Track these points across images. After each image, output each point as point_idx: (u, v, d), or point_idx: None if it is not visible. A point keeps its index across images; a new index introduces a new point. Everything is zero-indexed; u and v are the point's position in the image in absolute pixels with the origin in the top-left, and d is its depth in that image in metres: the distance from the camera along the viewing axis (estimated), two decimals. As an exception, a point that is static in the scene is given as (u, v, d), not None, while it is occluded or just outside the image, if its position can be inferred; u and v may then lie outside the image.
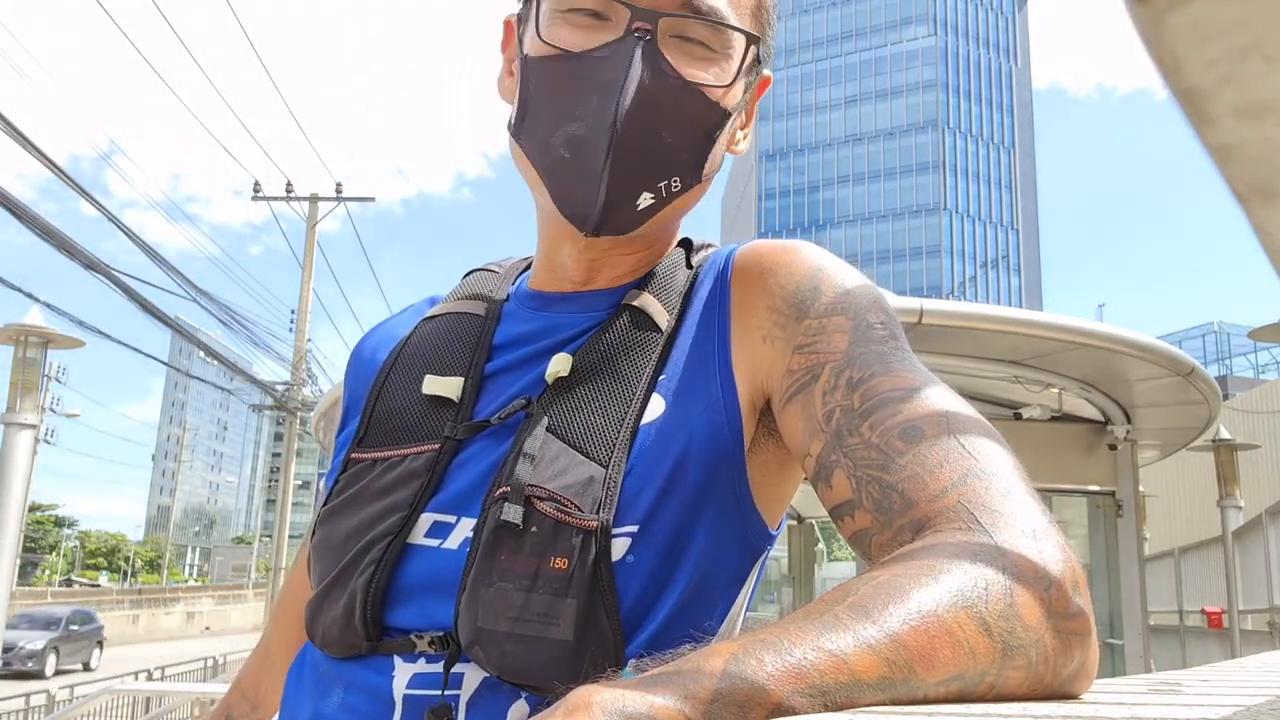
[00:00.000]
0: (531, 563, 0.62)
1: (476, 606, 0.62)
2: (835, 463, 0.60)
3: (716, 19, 0.70)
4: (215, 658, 14.78)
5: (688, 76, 0.69)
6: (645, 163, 0.69)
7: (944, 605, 0.45)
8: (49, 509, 66.69)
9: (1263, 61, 0.24)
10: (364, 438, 0.74)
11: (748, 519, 0.69)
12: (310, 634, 0.71)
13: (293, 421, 17.03)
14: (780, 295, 0.69)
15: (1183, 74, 0.25)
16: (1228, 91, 0.25)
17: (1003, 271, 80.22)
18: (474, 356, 0.75)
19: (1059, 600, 0.48)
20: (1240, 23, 0.24)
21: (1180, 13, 0.24)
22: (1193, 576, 11.05)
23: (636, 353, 0.70)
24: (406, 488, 0.68)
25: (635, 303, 0.74)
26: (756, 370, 0.69)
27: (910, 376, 0.62)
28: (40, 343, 5.84)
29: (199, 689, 6.29)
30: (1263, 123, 0.26)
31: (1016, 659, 0.45)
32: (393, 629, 0.66)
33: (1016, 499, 0.53)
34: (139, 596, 36.40)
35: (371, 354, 0.83)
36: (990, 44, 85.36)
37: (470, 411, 0.71)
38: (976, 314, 5.58)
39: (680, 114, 0.69)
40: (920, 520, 0.54)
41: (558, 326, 0.75)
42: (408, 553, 0.67)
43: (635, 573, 0.63)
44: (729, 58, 0.72)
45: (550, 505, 0.63)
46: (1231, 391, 21.87)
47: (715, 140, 0.72)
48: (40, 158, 8.28)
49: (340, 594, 0.67)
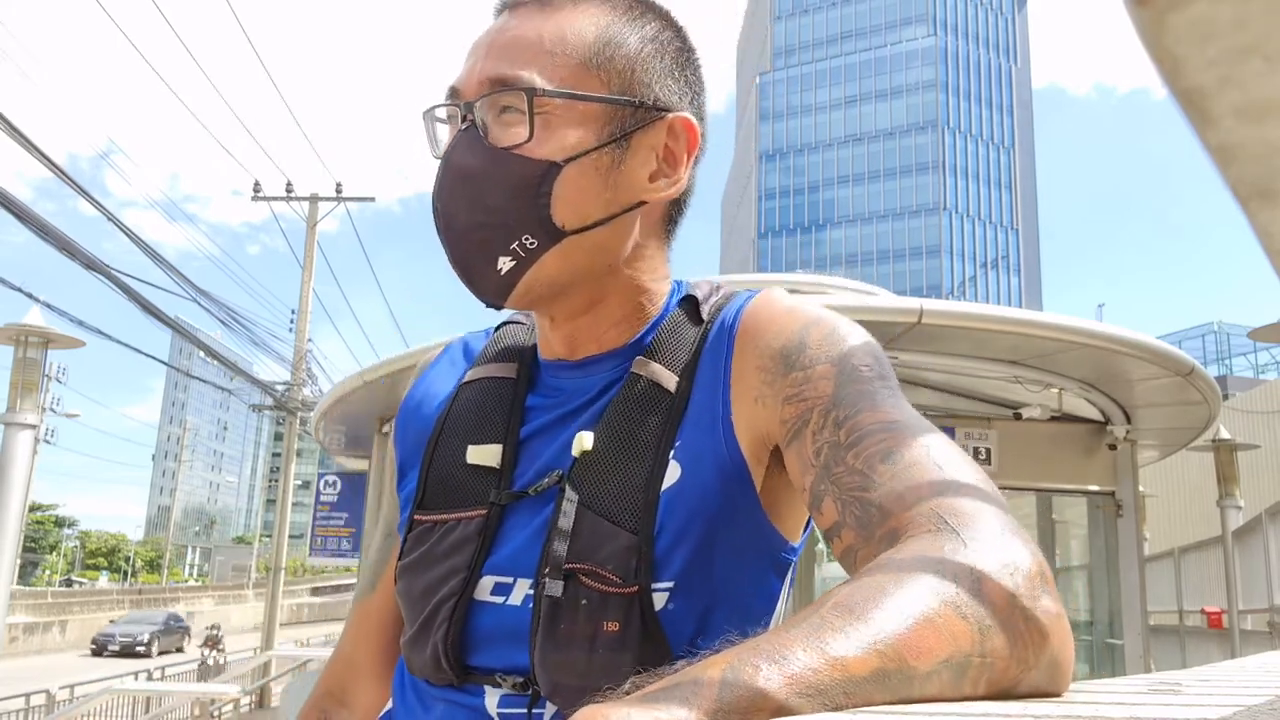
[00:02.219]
0: (588, 629, 0.71)
1: (548, 666, 0.72)
2: (824, 491, 0.66)
3: (506, 87, 0.75)
4: (215, 658, 14.78)
5: (499, 144, 0.75)
6: (479, 231, 0.75)
7: (922, 598, 0.48)
8: (49, 509, 66.69)
9: (1263, 61, 0.24)
10: (423, 500, 0.83)
11: (771, 542, 0.77)
12: (408, 666, 0.82)
13: (293, 421, 17.02)
14: (768, 355, 0.75)
15: (1183, 74, 0.25)
16: (1228, 92, 0.25)
17: (1003, 271, 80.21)
18: (509, 422, 0.82)
19: (1026, 589, 0.51)
20: (1240, 23, 0.23)
21: (1180, 13, 0.23)
22: (1192, 576, 11.05)
23: (649, 420, 0.77)
24: (464, 551, 0.78)
25: (643, 372, 0.79)
26: (754, 430, 0.75)
27: (893, 412, 0.67)
28: (40, 343, 5.84)
29: (199, 689, 6.29)
30: (1263, 123, 0.26)
31: (993, 639, 0.48)
32: (476, 669, 0.77)
33: (987, 509, 0.57)
34: (139, 596, 36.44)
35: (416, 409, 0.91)
36: (990, 44, 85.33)
37: (510, 478, 0.80)
38: (976, 314, 5.58)
39: (498, 179, 0.74)
40: (895, 529, 0.59)
41: (571, 392, 0.83)
42: (476, 609, 0.77)
43: (677, 617, 0.72)
44: (543, 113, 0.75)
45: (594, 580, 0.72)
46: (1231, 391, 21.87)
47: (548, 190, 0.75)
48: (39, 157, 8.28)
49: (426, 642, 0.78)
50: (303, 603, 47.80)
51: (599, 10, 0.80)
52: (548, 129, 0.75)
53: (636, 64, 0.79)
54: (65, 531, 70.57)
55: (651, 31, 0.81)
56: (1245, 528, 9.13)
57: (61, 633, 30.70)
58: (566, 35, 0.77)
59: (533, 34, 0.77)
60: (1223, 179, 0.29)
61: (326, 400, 8.60)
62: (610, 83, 0.77)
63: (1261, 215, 0.30)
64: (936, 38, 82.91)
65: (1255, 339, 8.01)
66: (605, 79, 0.77)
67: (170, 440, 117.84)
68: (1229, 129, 0.26)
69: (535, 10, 0.79)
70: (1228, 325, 41.40)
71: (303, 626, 38.23)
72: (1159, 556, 12.56)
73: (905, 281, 77.01)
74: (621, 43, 0.79)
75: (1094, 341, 5.57)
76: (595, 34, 0.78)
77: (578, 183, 0.76)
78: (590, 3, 0.80)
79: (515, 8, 0.80)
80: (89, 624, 31.78)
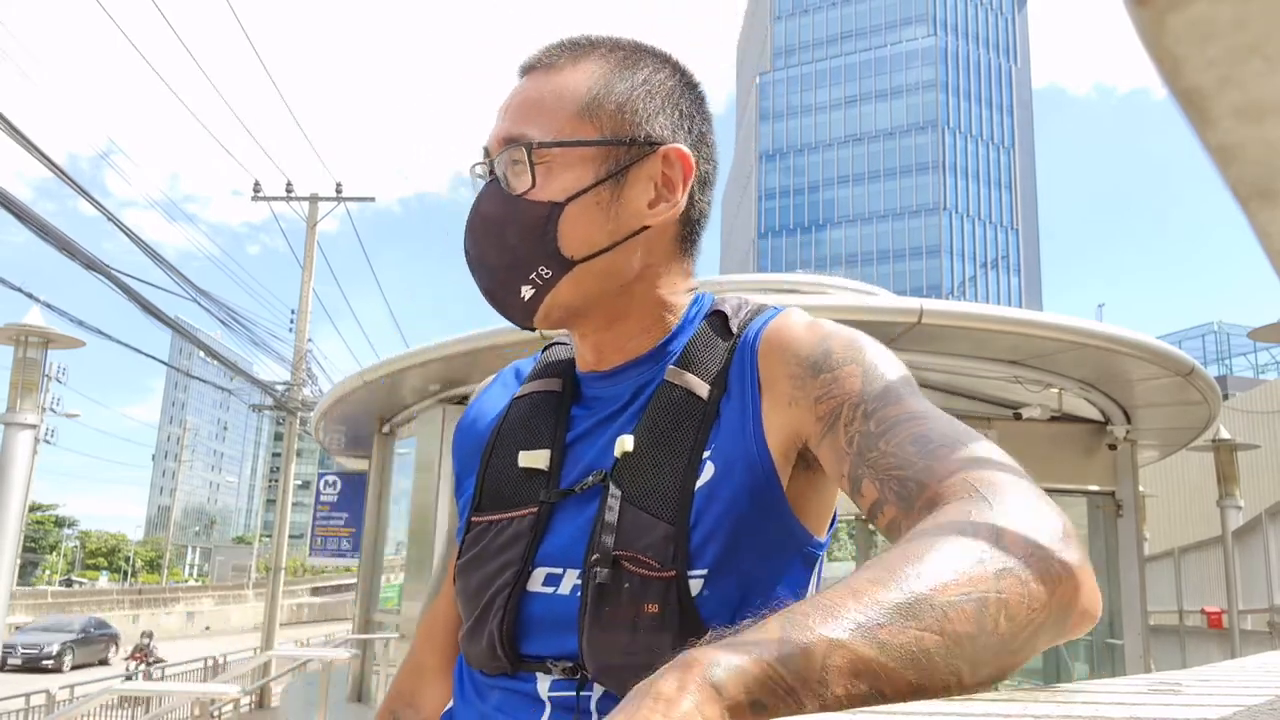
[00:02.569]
0: (630, 611, 0.79)
1: (595, 648, 0.79)
2: (862, 474, 0.73)
3: (513, 144, 0.87)
4: (215, 658, 14.79)
5: (513, 192, 0.87)
6: (500, 265, 0.87)
7: (949, 550, 0.55)
8: (49, 509, 66.72)
9: (1263, 62, 0.24)
10: (479, 504, 0.93)
11: (798, 537, 0.84)
12: (466, 659, 0.91)
13: (293, 421, 17.02)
14: (795, 363, 0.84)
15: (1183, 75, 0.25)
16: (1228, 92, 0.25)
17: (1003, 271, 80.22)
18: (555, 429, 0.92)
19: (1048, 540, 0.58)
20: (1240, 23, 0.23)
21: (1180, 14, 0.23)
22: (1192, 576, 11.05)
23: (685, 424, 0.86)
24: (517, 546, 0.87)
25: (678, 381, 0.88)
26: (787, 430, 0.83)
27: (916, 405, 0.76)
28: (40, 343, 5.84)
29: (199, 689, 6.29)
30: (1263, 123, 0.26)
31: (1007, 579, 0.54)
32: (528, 657, 0.84)
33: (1015, 479, 0.64)
34: (139, 596, 36.45)
35: (472, 425, 1.02)
36: (990, 44, 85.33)
37: (557, 478, 0.89)
38: (976, 314, 5.58)
39: (513, 221, 0.86)
40: (933, 498, 0.65)
41: (605, 399, 0.93)
42: (529, 599, 0.85)
43: (711, 602, 0.79)
44: (544, 162, 0.87)
45: (636, 565, 0.80)
46: (1231, 391, 21.87)
47: (554, 228, 0.86)
48: (39, 157, 8.28)
49: (482, 633, 0.86)
50: (303, 603, 47.85)
51: (594, 65, 0.90)
52: (548, 175, 0.86)
53: (627, 107, 0.89)
54: (65, 531, 70.60)
55: (643, 76, 0.91)
56: (1245, 528, 9.13)
57: (61, 633, 30.59)
58: (563, 92, 0.89)
59: (536, 95, 0.89)
60: (1223, 179, 0.29)
61: (326, 400, 8.61)
62: (603, 127, 0.88)
63: (1261, 215, 0.30)
64: (936, 38, 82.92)
65: (1255, 339, 8.01)
66: (598, 124, 0.88)
67: (170, 440, 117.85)
68: (1229, 129, 0.26)
69: (542, 73, 0.91)
70: (1228, 325, 41.40)
71: (303, 626, 38.28)
72: (1159, 556, 12.56)
73: (905, 281, 77.02)
74: (611, 90, 0.89)
75: (1094, 341, 5.57)
76: (587, 86, 0.89)
77: (580, 218, 0.86)
78: (589, 59, 0.91)
79: (528, 71, 0.92)
80: (89, 624, 31.72)
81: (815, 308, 5.51)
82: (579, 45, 0.92)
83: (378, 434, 8.89)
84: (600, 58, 0.91)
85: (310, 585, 55.00)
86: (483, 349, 6.12)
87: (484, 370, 7.62)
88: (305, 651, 8.84)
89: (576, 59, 0.91)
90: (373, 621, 8.76)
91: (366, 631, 8.62)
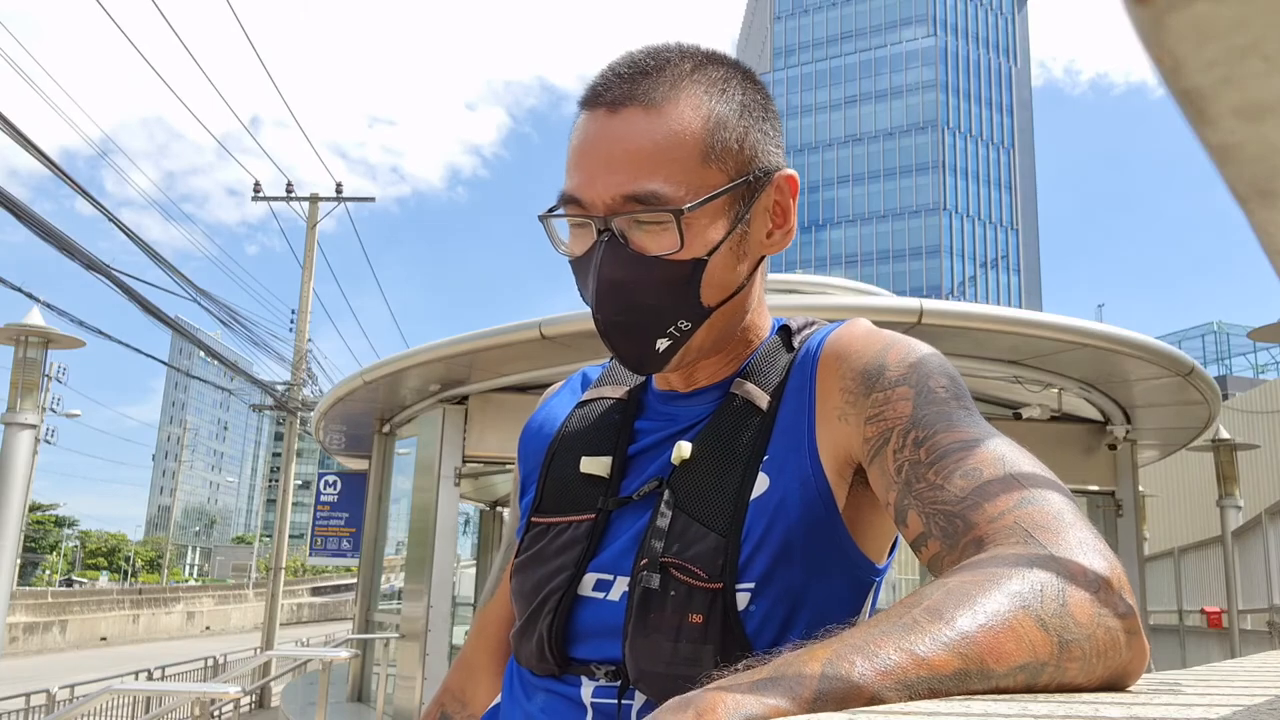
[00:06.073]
0: (675, 619, 0.78)
1: (638, 654, 0.79)
2: (908, 505, 0.71)
3: (647, 206, 0.80)
4: (215, 658, 14.77)
5: (646, 252, 0.82)
6: (638, 325, 0.84)
7: (1005, 606, 0.52)
8: (49, 509, 66.66)
9: (1263, 62, 0.24)
10: (540, 505, 0.93)
11: (852, 560, 0.82)
12: (516, 657, 0.92)
13: (293, 421, 17.01)
14: (850, 377, 0.82)
15: (1182, 75, 0.25)
16: (1227, 92, 0.25)
17: (1002, 271, 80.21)
18: (618, 439, 0.92)
19: (1107, 600, 0.55)
20: (1240, 23, 0.23)
21: (1180, 14, 0.23)
22: (1192, 576, 11.04)
23: (743, 434, 0.85)
24: (573, 551, 0.87)
25: (739, 391, 0.88)
26: (838, 447, 0.81)
27: (970, 430, 0.72)
28: (40, 343, 5.84)
29: (199, 689, 6.28)
30: (1262, 123, 0.26)
31: (1072, 651, 0.52)
32: (575, 660, 0.85)
33: (1068, 519, 0.61)
34: (139, 596, 36.41)
35: (538, 429, 1.02)
36: (990, 44, 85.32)
37: (618, 487, 0.89)
38: (976, 314, 5.58)
39: (651, 280, 0.82)
40: (980, 538, 0.63)
41: (680, 417, 0.91)
42: (580, 603, 0.85)
43: (757, 618, 0.78)
44: (687, 223, 0.82)
45: (683, 574, 0.79)
46: (1231, 391, 21.88)
47: (697, 282, 0.83)
48: (38, 155, 8.27)
49: (532, 632, 0.87)
50: (303, 603, 47.80)
51: (697, 95, 0.83)
52: (690, 232, 0.82)
53: (744, 140, 0.85)
54: (65, 531, 70.54)
55: (738, 97, 0.86)
56: (1245, 528, 9.12)
57: (61, 633, 30.63)
58: (682, 136, 0.81)
59: (649, 143, 0.81)
60: (1222, 179, 0.29)
61: (326, 400, 8.60)
62: (727, 167, 0.83)
63: (1261, 215, 0.30)
64: (936, 38, 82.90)
65: (1255, 339, 8.01)
66: (723, 166, 0.83)
67: (170, 440, 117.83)
68: (1229, 129, 0.26)
69: (641, 113, 0.82)
70: (1228, 325, 41.38)
71: (303, 626, 38.26)
72: (1159, 556, 12.56)
73: (905, 281, 77.00)
74: (724, 124, 0.83)
75: (1094, 341, 5.57)
76: (701, 124, 0.82)
77: (719, 267, 0.84)
78: (686, 90, 0.83)
79: (616, 109, 0.82)
80: (89, 624, 31.75)
81: (815, 308, 5.51)
82: (661, 71, 0.83)
83: (378, 434, 8.89)
84: (693, 84, 0.84)
85: (310, 585, 55.00)
86: (483, 349, 6.11)
87: (484, 370, 7.57)
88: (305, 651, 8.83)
89: (675, 91, 0.83)
90: (373, 621, 8.76)
91: (366, 631, 8.62)
